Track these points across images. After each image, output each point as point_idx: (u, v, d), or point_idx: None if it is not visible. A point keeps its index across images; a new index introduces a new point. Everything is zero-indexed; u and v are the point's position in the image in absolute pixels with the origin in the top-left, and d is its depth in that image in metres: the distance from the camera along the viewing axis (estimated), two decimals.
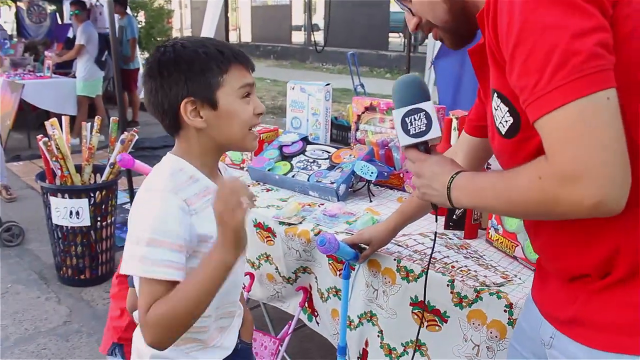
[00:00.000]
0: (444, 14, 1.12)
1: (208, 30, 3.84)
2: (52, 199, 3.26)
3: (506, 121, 1.00)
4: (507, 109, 0.99)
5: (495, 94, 1.01)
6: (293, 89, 2.70)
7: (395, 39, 16.29)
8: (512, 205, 0.97)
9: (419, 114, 1.16)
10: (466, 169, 1.13)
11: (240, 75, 1.20)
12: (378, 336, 1.82)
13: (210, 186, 1.21)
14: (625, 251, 0.95)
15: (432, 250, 1.47)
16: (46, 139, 3.16)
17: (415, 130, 1.17)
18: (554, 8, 0.85)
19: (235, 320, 1.40)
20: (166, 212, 1.12)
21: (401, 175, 2.32)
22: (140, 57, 9.82)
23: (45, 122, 3.19)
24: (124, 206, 4.59)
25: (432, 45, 5.10)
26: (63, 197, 3.25)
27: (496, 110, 1.02)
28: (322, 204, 2.18)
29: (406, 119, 1.17)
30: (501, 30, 0.92)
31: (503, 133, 1.02)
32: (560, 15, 0.84)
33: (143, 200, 1.16)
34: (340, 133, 3.14)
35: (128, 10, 8.19)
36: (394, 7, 15.59)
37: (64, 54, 7.31)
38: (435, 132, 1.17)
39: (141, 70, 8.92)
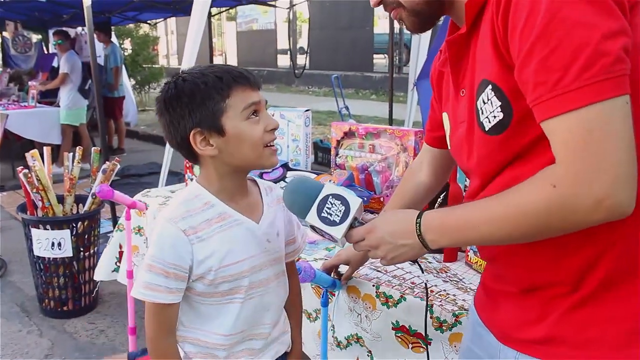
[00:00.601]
0: None
1: (189, 55, 3.85)
2: (33, 230, 3.24)
3: (494, 116, 0.96)
4: (499, 103, 0.94)
5: (490, 86, 0.96)
6: (273, 115, 2.71)
7: (380, 60, 16.45)
8: (516, 226, 0.91)
9: (328, 201, 1.14)
10: (411, 209, 1.09)
11: (244, 97, 1.20)
12: (368, 355, 1.80)
13: (227, 212, 1.26)
14: (605, 259, 0.94)
15: (427, 297, 1.47)
16: (26, 170, 3.15)
17: (339, 215, 1.13)
18: (585, 4, 0.82)
19: (273, 345, 1.42)
20: (163, 240, 1.21)
21: (381, 199, 2.33)
22: (127, 85, 9.86)
23: (26, 154, 3.18)
24: (107, 234, 4.55)
25: (414, 67, 5.15)
26: (45, 228, 3.22)
27: (484, 103, 0.97)
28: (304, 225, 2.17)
29: (322, 214, 1.14)
30: (516, 22, 0.87)
31: (486, 129, 0.98)
32: (591, 13, 0.82)
33: (153, 227, 1.27)
34: (325, 156, 3.16)
35: (113, 39, 8.23)
36: (378, 28, 15.84)
37: (49, 83, 7.32)
38: (355, 202, 1.14)
39: (126, 98, 8.96)
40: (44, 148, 3.36)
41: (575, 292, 0.97)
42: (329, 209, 1.13)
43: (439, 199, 1.87)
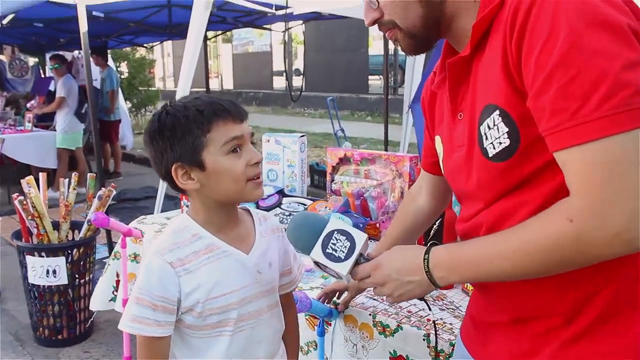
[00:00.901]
0: (417, 18, 1.04)
1: (185, 78, 3.87)
2: (28, 258, 3.22)
3: (500, 143, 0.94)
4: (506, 129, 0.92)
5: (497, 112, 0.94)
6: (268, 141, 2.73)
7: (376, 82, 16.57)
8: (531, 262, 0.90)
9: (333, 237, 1.12)
10: (414, 242, 1.09)
11: (225, 131, 1.19)
12: None
13: (215, 243, 1.25)
14: (605, 292, 0.93)
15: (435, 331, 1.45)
16: (21, 197, 3.14)
17: (344, 251, 1.11)
18: (605, 33, 0.82)
19: None
20: (150, 273, 1.21)
21: (377, 225, 2.33)
22: (124, 108, 9.89)
23: (22, 180, 3.17)
24: (103, 260, 4.53)
25: (409, 89, 5.19)
26: (40, 255, 3.21)
27: (490, 129, 0.95)
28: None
29: (327, 250, 1.11)
30: (531, 48, 0.86)
31: (490, 155, 0.97)
32: (610, 42, 0.81)
33: (143, 258, 1.24)
34: (322, 179, 3.16)
35: (110, 62, 8.28)
36: (373, 50, 15.97)
37: (45, 107, 7.33)
38: (360, 238, 1.12)
39: (123, 121, 8.98)
40: (40, 174, 3.36)
41: (570, 325, 0.95)
42: (334, 244, 1.11)
43: (434, 226, 1.87)
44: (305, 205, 2.41)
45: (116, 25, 6.45)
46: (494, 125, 0.94)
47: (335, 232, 1.12)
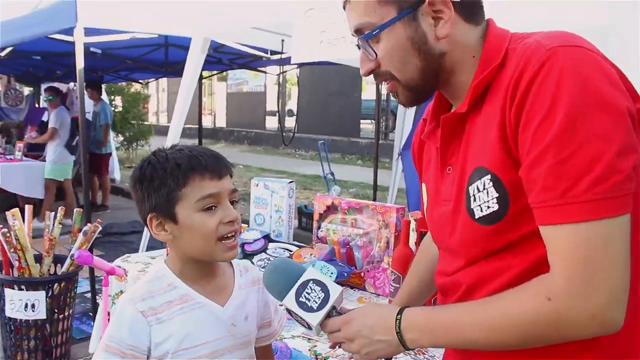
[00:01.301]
0: (415, 71, 1.03)
1: (179, 114, 3.92)
2: (7, 290, 3.17)
3: (488, 207, 0.95)
4: (496, 195, 0.93)
5: (489, 176, 0.95)
6: (257, 185, 2.74)
7: (367, 126, 16.74)
8: (504, 335, 0.91)
9: (308, 286, 1.11)
10: (402, 305, 1.06)
11: (200, 188, 1.18)
12: None
13: (189, 294, 1.23)
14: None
15: None
16: (5, 230, 3.11)
17: (317, 302, 1.10)
18: (605, 115, 0.83)
19: None
20: (121, 321, 1.20)
21: (362, 274, 2.33)
22: (114, 142, 9.92)
23: (7, 212, 3.16)
24: (85, 294, 4.47)
25: (400, 134, 5.25)
26: (20, 288, 3.16)
27: (479, 192, 0.96)
28: (281, 305, 2.15)
29: (300, 299, 1.10)
30: (530, 118, 0.87)
31: (476, 217, 0.97)
32: (609, 125, 0.82)
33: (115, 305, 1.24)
34: (309, 222, 3.16)
35: (103, 96, 8.34)
36: (366, 94, 16.18)
37: (38, 138, 7.34)
38: (335, 290, 1.11)
39: (113, 154, 8.99)
40: (26, 206, 3.35)
41: None
42: (308, 294, 1.10)
43: None
44: (291, 251, 2.41)
45: (113, 61, 6.53)
46: (484, 188, 0.95)
47: (311, 282, 1.11)
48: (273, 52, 5.22)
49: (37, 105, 9.48)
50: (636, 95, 0.91)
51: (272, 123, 19.05)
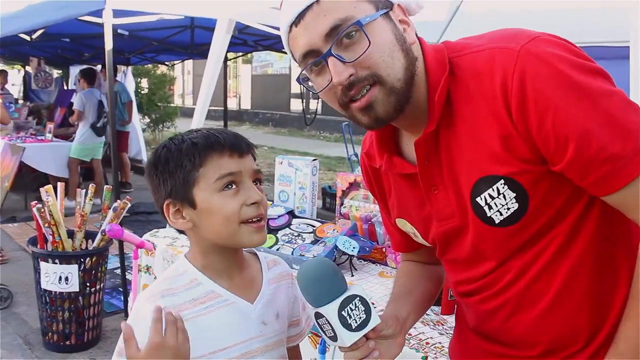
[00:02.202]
0: (401, 69, 0.96)
1: (204, 96, 3.96)
2: (42, 264, 3.30)
3: (508, 208, 0.97)
4: (513, 195, 0.95)
5: (501, 181, 0.96)
6: (281, 163, 2.81)
7: None
8: None
9: (353, 302, 1.01)
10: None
11: (218, 166, 1.08)
12: None
13: (215, 290, 1.12)
14: (610, 318, 1.00)
15: None
16: (40, 205, 3.23)
17: (357, 321, 1.01)
18: (600, 77, 0.90)
19: None
20: (136, 321, 1.06)
21: (383, 249, 2.38)
22: (141, 123, 10.05)
23: (41, 189, 3.28)
24: (115, 271, 4.61)
25: None
26: (53, 262, 3.29)
27: (493, 198, 0.97)
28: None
29: (342, 312, 1.00)
30: (543, 115, 0.89)
31: (497, 222, 0.99)
32: (607, 81, 0.91)
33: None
34: (333, 202, 3.20)
35: (129, 78, 8.45)
36: None
37: (72, 127, 7.44)
38: (376, 319, 1.03)
39: (139, 135, 9.13)
40: (58, 183, 3.47)
41: (587, 347, 1.02)
42: (352, 310, 1.01)
43: None
44: (314, 227, 2.47)
45: (139, 43, 6.63)
46: (499, 194, 0.96)
47: (357, 298, 1.02)
48: None
49: (65, 88, 9.66)
50: None
51: (296, 105, 19.07)
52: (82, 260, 3.33)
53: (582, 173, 0.91)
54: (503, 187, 0.96)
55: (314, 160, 2.76)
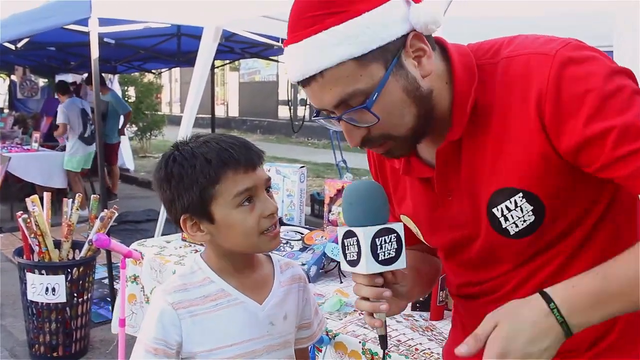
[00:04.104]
0: (412, 120, 0.97)
1: (192, 104, 3.96)
2: (28, 274, 3.27)
3: (524, 221, 0.97)
4: (531, 207, 0.95)
5: (519, 194, 0.96)
6: (269, 170, 2.80)
7: None
8: None
9: (389, 236, 0.98)
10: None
11: (235, 183, 1.11)
12: None
13: (226, 289, 1.18)
14: (616, 328, 1.01)
15: None
16: (25, 215, 3.20)
17: (384, 255, 0.98)
18: (628, 78, 0.92)
19: None
20: (152, 314, 1.16)
21: None
22: (128, 132, 10.01)
23: (27, 199, 3.25)
24: (102, 281, 4.58)
25: None
26: (40, 273, 3.26)
27: (510, 210, 0.97)
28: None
29: (376, 239, 0.97)
30: (577, 121, 0.88)
31: (511, 234, 0.99)
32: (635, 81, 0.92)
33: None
34: (322, 209, 3.21)
35: (116, 87, 8.42)
36: None
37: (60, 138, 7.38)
38: (402, 261, 1.00)
39: (126, 144, 9.09)
40: (45, 193, 3.43)
41: (593, 348, 1.03)
42: (385, 242, 0.98)
43: None
44: (302, 234, 2.47)
45: (126, 51, 6.60)
46: (517, 206, 0.96)
47: (395, 234, 0.99)
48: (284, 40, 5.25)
49: (52, 96, 9.61)
50: None
51: (284, 112, 19.06)
52: (69, 270, 3.30)
53: (614, 168, 0.88)
54: (521, 200, 0.96)
55: (301, 167, 2.77)
